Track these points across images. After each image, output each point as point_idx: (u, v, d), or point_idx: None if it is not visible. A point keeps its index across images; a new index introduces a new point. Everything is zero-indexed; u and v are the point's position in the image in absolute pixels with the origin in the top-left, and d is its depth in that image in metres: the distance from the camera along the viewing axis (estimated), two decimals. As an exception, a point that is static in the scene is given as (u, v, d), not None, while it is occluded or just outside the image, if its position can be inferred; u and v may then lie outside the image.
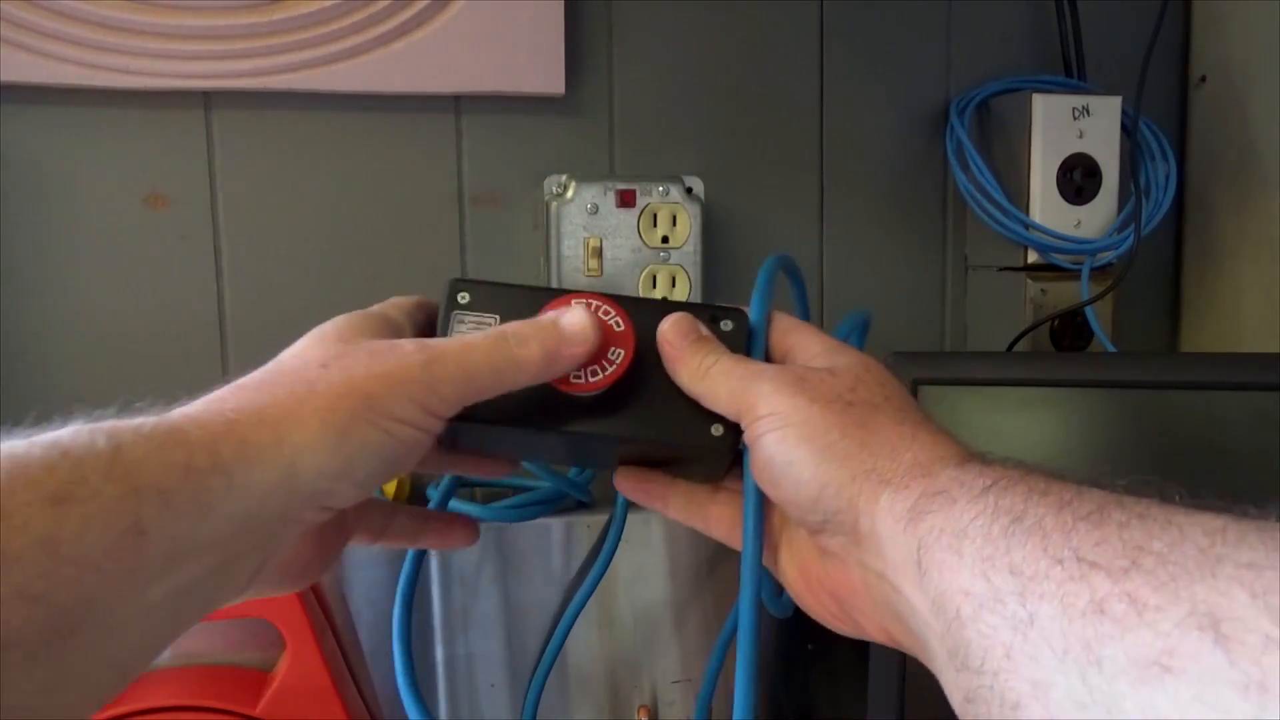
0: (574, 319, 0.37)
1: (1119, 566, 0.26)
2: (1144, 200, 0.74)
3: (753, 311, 0.41)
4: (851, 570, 0.36)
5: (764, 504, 0.39)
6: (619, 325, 0.38)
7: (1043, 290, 0.75)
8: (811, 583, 0.39)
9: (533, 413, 0.38)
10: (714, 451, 0.39)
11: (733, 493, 0.41)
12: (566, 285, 0.69)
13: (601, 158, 0.73)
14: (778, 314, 0.42)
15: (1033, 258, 0.74)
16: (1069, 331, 0.75)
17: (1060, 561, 0.27)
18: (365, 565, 0.65)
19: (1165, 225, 0.79)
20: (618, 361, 0.38)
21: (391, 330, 0.38)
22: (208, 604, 0.31)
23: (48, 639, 0.25)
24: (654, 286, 0.70)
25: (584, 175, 0.70)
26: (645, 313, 0.39)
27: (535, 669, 0.68)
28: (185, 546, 0.28)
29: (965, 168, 0.76)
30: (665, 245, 0.70)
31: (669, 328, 0.39)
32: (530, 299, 0.40)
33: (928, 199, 0.80)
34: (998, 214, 0.74)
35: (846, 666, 0.74)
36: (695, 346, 0.38)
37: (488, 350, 0.35)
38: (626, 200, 0.69)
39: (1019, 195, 0.74)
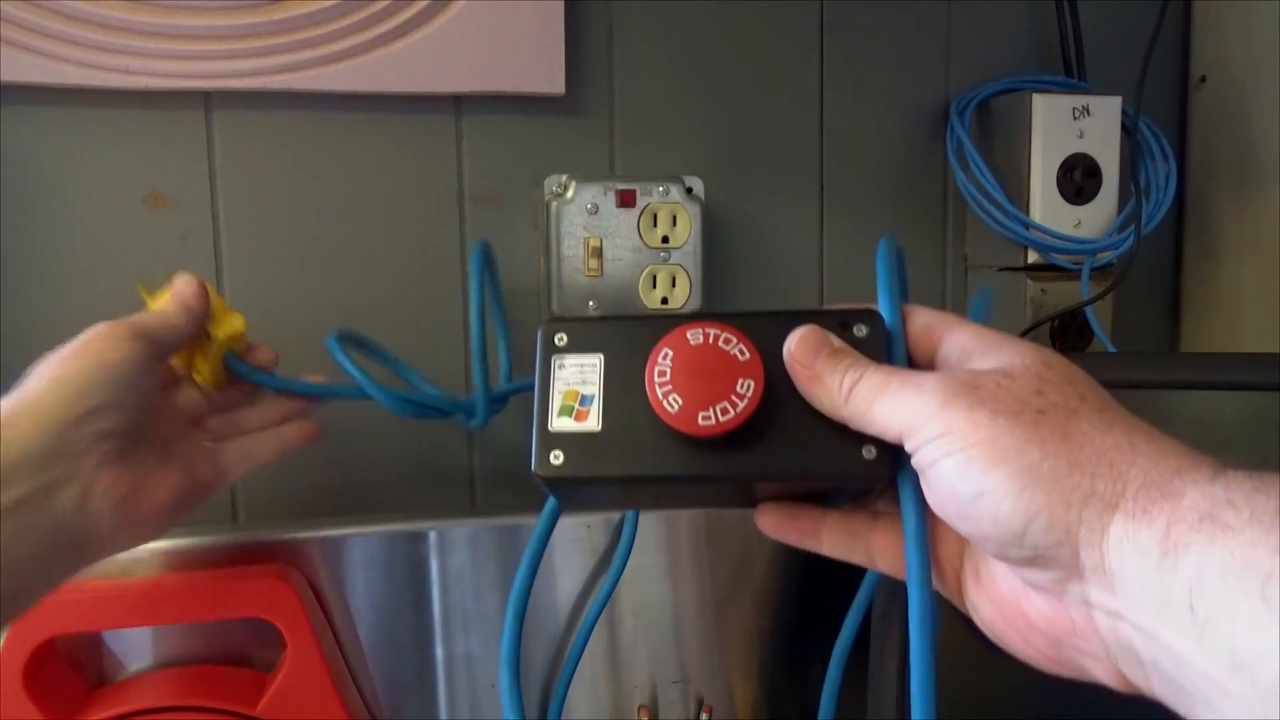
0: (193, 289, 0.47)
1: None
2: (1144, 200, 0.74)
3: (883, 309, 0.36)
4: (1071, 608, 0.30)
5: (934, 530, 0.34)
6: (743, 354, 0.35)
7: (1043, 290, 0.75)
8: (1014, 620, 0.33)
9: (660, 461, 0.35)
10: (868, 479, 0.35)
11: (896, 518, 0.35)
12: (566, 285, 0.69)
13: (601, 158, 0.73)
14: (912, 308, 0.37)
15: (1033, 258, 0.74)
16: (1069, 331, 0.75)
17: None
18: (365, 565, 0.65)
19: (1165, 225, 0.79)
20: (748, 395, 0.34)
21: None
22: (49, 522, 0.38)
23: None
24: (654, 287, 0.70)
25: (584, 175, 0.70)
26: (767, 331, 0.35)
27: (557, 674, 0.68)
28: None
29: (965, 168, 0.76)
30: (665, 245, 0.70)
31: (797, 346, 0.34)
32: (637, 331, 0.36)
33: (928, 199, 0.80)
34: (998, 214, 0.74)
35: (846, 666, 0.74)
36: (831, 363, 0.34)
37: (169, 313, 0.46)
38: (626, 200, 0.69)
39: (1019, 195, 0.74)
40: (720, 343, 0.35)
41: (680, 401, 0.34)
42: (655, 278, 0.70)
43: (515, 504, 0.72)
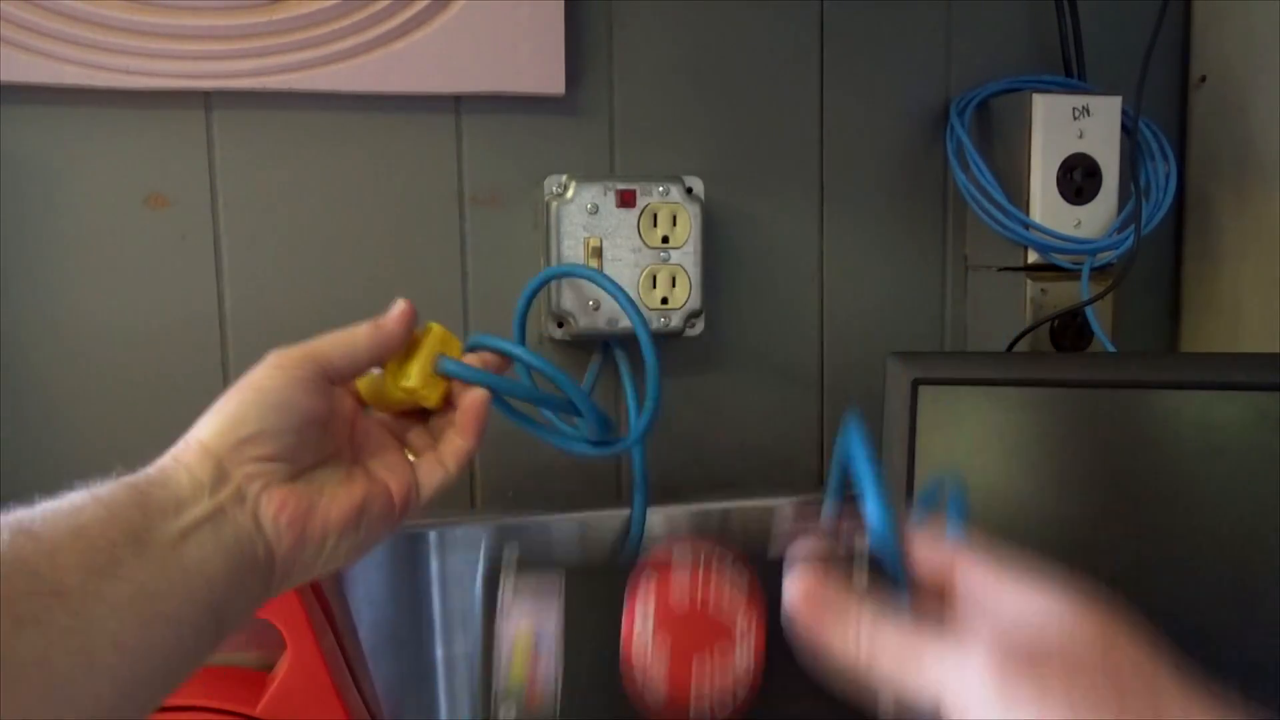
0: (394, 312, 0.46)
1: None
2: (1144, 200, 0.74)
3: (872, 527, 0.31)
4: None
5: None
6: (739, 612, 0.30)
7: (1043, 290, 0.75)
8: None
9: None
10: None
11: None
12: (566, 285, 0.69)
13: (601, 158, 0.73)
14: (912, 533, 0.32)
15: (1033, 258, 0.74)
16: (1069, 331, 0.75)
17: None
18: (365, 565, 0.65)
19: (1165, 225, 0.79)
20: (747, 673, 0.30)
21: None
22: (229, 539, 0.38)
23: (134, 544, 0.35)
24: (654, 286, 0.70)
25: (584, 175, 0.69)
26: (757, 570, 0.31)
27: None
28: (176, 502, 0.37)
29: (965, 168, 0.76)
30: (665, 245, 0.70)
31: (799, 598, 0.31)
32: (606, 578, 0.31)
33: (928, 199, 0.80)
34: (998, 214, 0.74)
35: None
36: (839, 618, 0.30)
37: (337, 332, 0.45)
38: (626, 200, 0.69)
39: (1019, 195, 0.74)
40: (710, 599, 0.30)
41: (663, 686, 0.29)
42: (655, 277, 0.70)
43: (515, 504, 0.72)
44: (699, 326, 0.71)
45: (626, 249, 0.69)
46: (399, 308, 0.47)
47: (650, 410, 0.61)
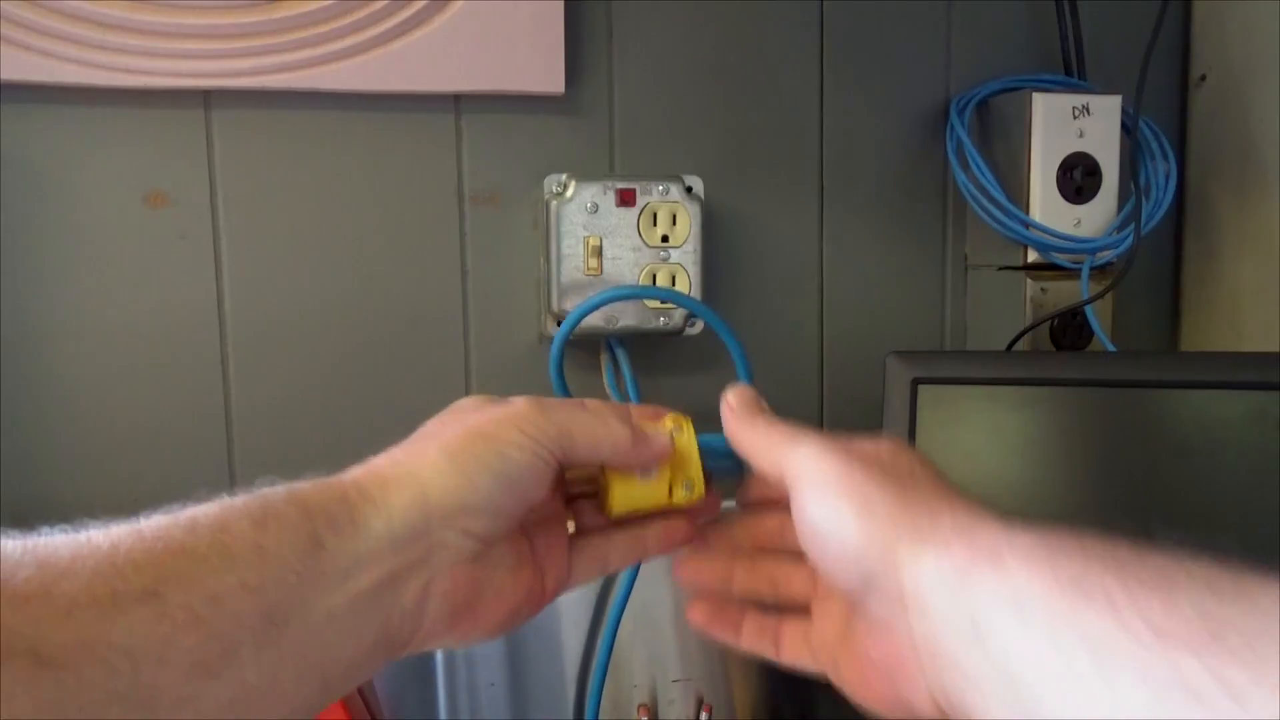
0: (660, 435, 0.42)
1: (1199, 640, 0.25)
2: (1144, 199, 0.74)
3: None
4: (899, 637, 0.34)
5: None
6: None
7: (1043, 289, 0.75)
8: (861, 661, 0.37)
9: None
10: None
11: (803, 618, 0.42)
12: (566, 284, 0.69)
13: (601, 157, 0.73)
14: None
15: (1033, 257, 0.74)
16: (1069, 331, 0.75)
17: (1133, 632, 0.26)
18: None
19: (1165, 225, 0.79)
20: None
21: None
22: (385, 620, 0.34)
23: (266, 628, 0.30)
24: (654, 285, 0.70)
25: (584, 175, 0.70)
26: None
27: (574, 676, 0.68)
28: (353, 560, 0.33)
29: (965, 167, 0.76)
30: (665, 244, 0.70)
31: (735, 399, 0.44)
32: None
33: (928, 199, 0.80)
34: (998, 213, 0.74)
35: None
36: (752, 412, 0.43)
37: (589, 417, 0.40)
38: (626, 199, 0.69)
39: (1019, 195, 0.74)
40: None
41: None
42: (655, 276, 0.70)
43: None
44: (699, 325, 0.71)
45: (626, 248, 0.69)
46: (667, 438, 0.42)
47: None
